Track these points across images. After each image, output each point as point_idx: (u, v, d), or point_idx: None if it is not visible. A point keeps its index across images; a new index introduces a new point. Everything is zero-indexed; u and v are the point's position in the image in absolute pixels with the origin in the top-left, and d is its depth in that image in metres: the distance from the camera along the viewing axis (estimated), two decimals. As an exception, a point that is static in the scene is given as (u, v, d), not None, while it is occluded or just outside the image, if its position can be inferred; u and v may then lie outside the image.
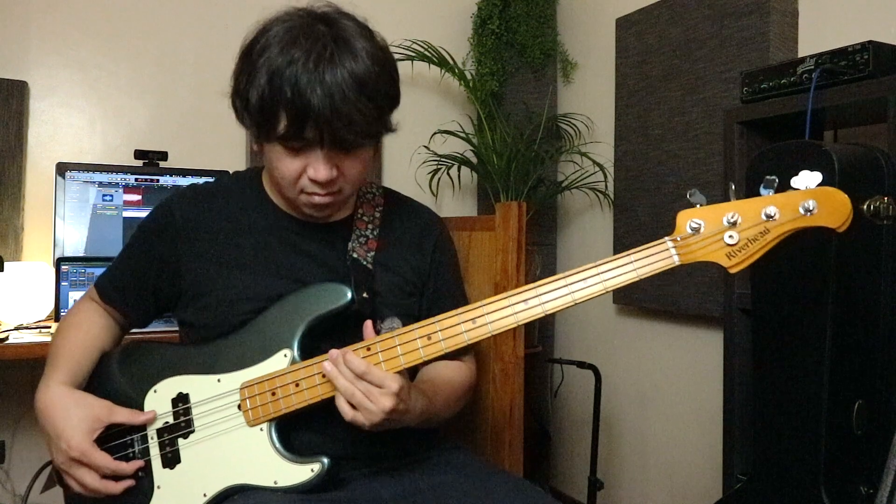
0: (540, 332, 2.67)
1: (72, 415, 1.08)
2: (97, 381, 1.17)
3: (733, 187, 0.99)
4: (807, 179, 0.95)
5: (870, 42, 1.46)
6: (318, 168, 1.05)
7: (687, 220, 0.98)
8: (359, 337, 1.07)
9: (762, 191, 0.96)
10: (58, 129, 2.31)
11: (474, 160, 2.62)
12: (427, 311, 1.23)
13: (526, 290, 1.01)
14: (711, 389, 2.14)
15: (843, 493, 1.29)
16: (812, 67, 1.54)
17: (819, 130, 1.77)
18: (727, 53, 2.02)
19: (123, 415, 1.11)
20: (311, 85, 0.99)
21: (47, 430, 1.10)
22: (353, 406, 1.00)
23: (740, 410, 1.71)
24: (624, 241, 2.41)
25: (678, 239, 0.98)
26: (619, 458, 2.54)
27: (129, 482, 1.09)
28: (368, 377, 0.99)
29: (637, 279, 0.98)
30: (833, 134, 1.81)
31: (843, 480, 1.29)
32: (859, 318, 1.31)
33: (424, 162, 2.66)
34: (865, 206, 1.23)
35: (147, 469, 1.10)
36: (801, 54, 1.91)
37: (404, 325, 1.14)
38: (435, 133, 2.64)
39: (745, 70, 1.73)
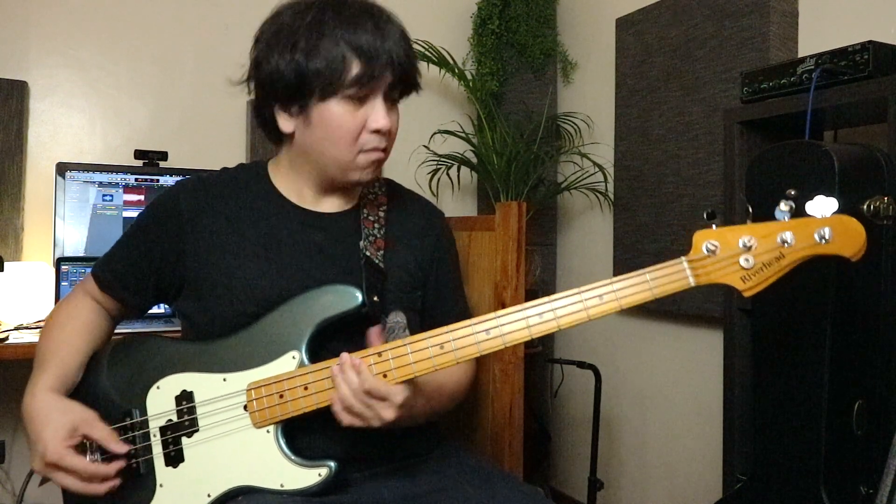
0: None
1: (52, 421, 1.06)
2: (90, 377, 1.15)
3: (751, 210, 0.99)
4: (822, 206, 0.95)
5: (870, 42, 1.46)
6: (379, 116, 1.11)
7: (703, 241, 0.98)
8: (364, 336, 1.07)
9: (777, 214, 0.96)
10: (58, 129, 2.30)
11: (474, 160, 2.62)
12: (430, 303, 1.25)
13: (541, 303, 1.00)
14: (711, 389, 2.14)
15: (843, 493, 1.29)
16: (812, 67, 1.54)
17: (819, 130, 1.77)
18: (727, 53, 2.02)
19: (102, 432, 1.08)
20: (381, 35, 1.11)
21: (29, 434, 1.08)
22: (348, 412, 1.00)
23: (740, 410, 1.71)
24: (624, 242, 2.41)
25: (694, 259, 0.98)
26: (619, 458, 2.54)
27: (115, 482, 1.08)
28: (374, 393, 0.99)
29: (652, 298, 0.98)
30: (833, 134, 1.81)
31: (843, 480, 1.30)
32: (859, 318, 1.31)
33: (424, 162, 2.66)
34: (865, 206, 1.23)
35: (149, 467, 1.10)
36: (801, 54, 1.91)
37: (408, 318, 1.16)
38: (435, 133, 2.65)
39: (745, 70, 1.73)
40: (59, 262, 1.96)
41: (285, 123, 1.15)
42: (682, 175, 2.17)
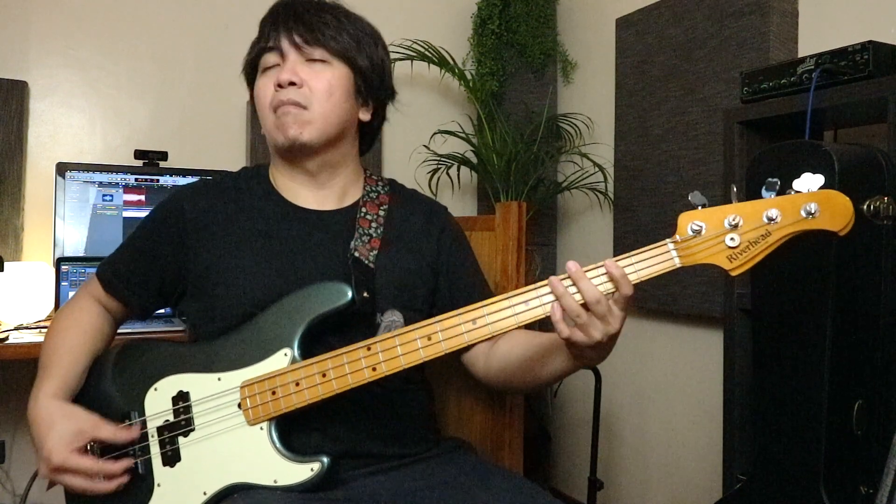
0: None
1: (56, 427, 1.08)
2: (94, 380, 1.17)
3: (734, 189, 0.98)
4: (809, 182, 0.94)
5: (870, 42, 1.46)
6: (281, 72, 1.16)
7: (688, 221, 0.97)
8: (359, 335, 1.07)
9: (764, 193, 0.95)
10: (58, 129, 2.30)
11: (474, 160, 2.62)
12: (449, 295, 1.25)
13: (527, 291, 1.00)
14: (711, 389, 2.14)
15: (843, 493, 1.29)
16: (812, 67, 1.54)
17: (819, 130, 1.77)
18: (727, 53, 2.02)
19: (108, 431, 1.10)
20: (285, 6, 1.20)
21: (34, 441, 1.10)
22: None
23: (740, 410, 1.71)
24: (624, 242, 2.41)
25: (679, 240, 0.97)
26: (619, 458, 2.54)
27: (122, 479, 1.09)
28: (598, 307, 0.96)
29: (638, 281, 0.97)
30: (833, 134, 1.81)
31: (843, 480, 1.29)
32: (859, 317, 1.31)
33: (424, 162, 2.66)
34: (865, 206, 1.23)
35: (147, 467, 1.10)
36: (801, 54, 1.91)
37: (405, 317, 1.16)
38: (435, 133, 2.64)
39: (745, 70, 1.73)
40: (59, 262, 1.96)
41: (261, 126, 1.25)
42: (682, 175, 2.17)
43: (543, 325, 1.03)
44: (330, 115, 1.18)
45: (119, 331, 1.29)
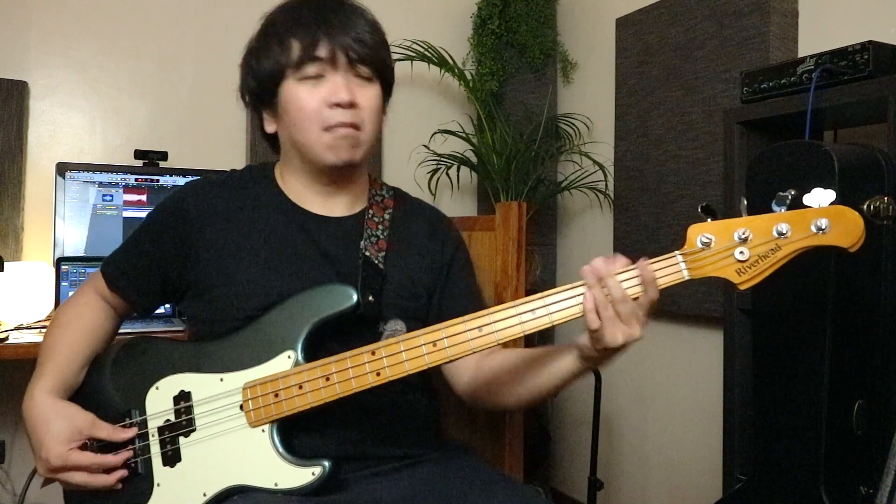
0: (540, 332, 2.67)
1: (52, 426, 1.07)
2: (94, 377, 1.16)
3: (745, 202, 0.96)
4: (819, 197, 0.93)
5: (870, 42, 1.46)
6: (337, 88, 1.11)
7: (698, 234, 0.96)
8: (363, 338, 1.07)
9: (774, 207, 0.94)
10: (58, 129, 2.31)
11: (474, 160, 2.62)
12: (437, 310, 1.23)
13: (533, 300, 1.00)
14: (711, 389, 2.14)
15: (843, 493, 1.29)
16: (812, 67, 1.54)
17: (819, 130, 1.77)
18: (727, 53, 2.02)
19: (106, 430, 1.09)
20: (321, 9, 1.13)
21: (31, 440, 1.09)
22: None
23: (740, 410, 1.71)
24: (624, 242, 2.41)
25: (688, 252, 0.96)
26: (619, 458, 2.54)
27: (122, 472, 1.09)
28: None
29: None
30: (833, 134, 1.81)
31: (843, 480, 1.30)
32: (859, 318, 1.31)
33: (424, 161, 2.66)
34: (865, 207, 1.23)
35: (147, 466, 1.10)
36: (801, 54, 1.91)
37: (408, 327, 1.14)
38: (435, 133, 2.65)
39: (745, 70, 1.73)
40: (59, 262, 1.96)
41: (269, 125, 1.21)
42: (682, 175, 2.17)
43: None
44: (376, 134, 1.19)
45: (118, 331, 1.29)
